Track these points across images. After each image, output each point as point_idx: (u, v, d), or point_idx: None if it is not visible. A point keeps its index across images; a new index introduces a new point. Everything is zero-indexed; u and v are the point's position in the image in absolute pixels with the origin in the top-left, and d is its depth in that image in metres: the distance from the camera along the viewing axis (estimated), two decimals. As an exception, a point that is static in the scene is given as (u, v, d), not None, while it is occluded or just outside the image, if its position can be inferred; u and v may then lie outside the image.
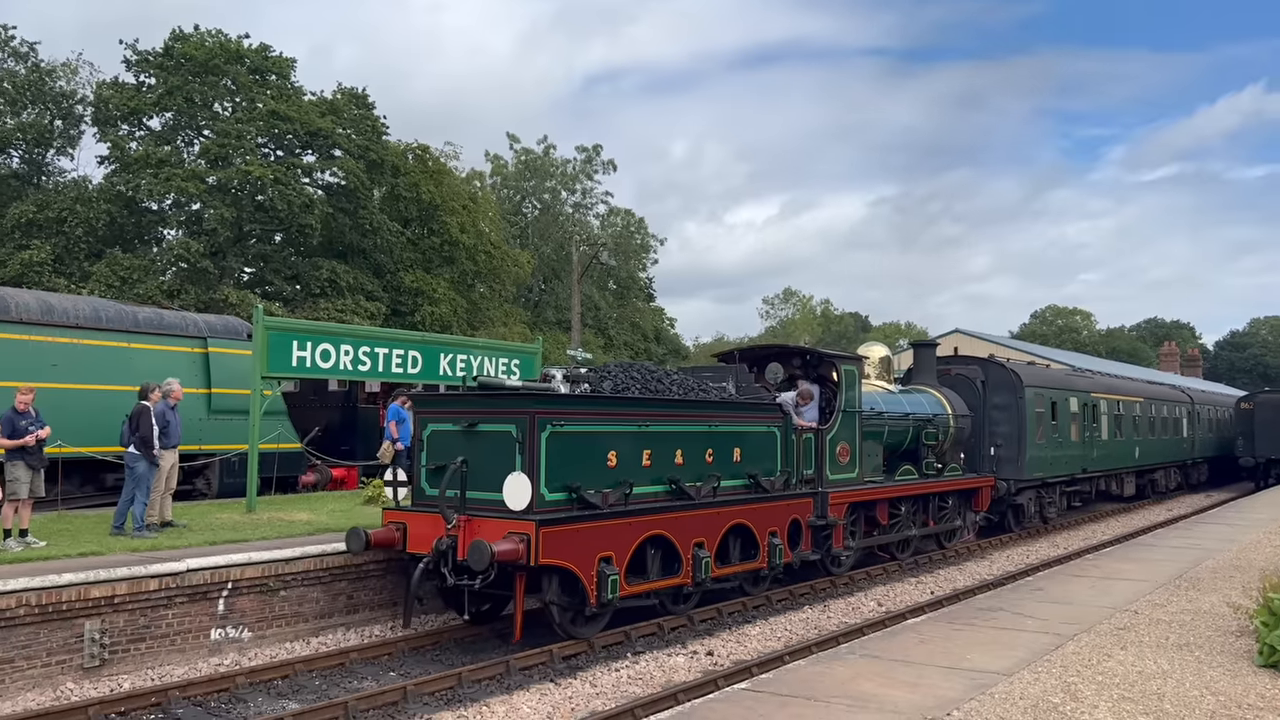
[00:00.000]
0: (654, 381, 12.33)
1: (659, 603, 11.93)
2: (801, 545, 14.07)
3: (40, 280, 28.24)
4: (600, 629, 11.05)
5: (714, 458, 12.47)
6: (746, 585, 13.51)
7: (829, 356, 15.71)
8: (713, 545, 12.20)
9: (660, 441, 11.69)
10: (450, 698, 9.25)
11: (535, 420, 10.20)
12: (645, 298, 63.00)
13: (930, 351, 20.56)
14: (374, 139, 35.31)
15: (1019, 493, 21.35)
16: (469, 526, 10.25)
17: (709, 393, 12.96)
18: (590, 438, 10.84)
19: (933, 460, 17.74)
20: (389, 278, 36.25)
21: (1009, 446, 20.82)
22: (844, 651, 9.42)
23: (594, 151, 59.19)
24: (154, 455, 12.42)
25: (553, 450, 10.33)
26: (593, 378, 11.74)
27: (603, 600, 10.58)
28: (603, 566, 10.58)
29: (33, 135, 33.46)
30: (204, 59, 32.47)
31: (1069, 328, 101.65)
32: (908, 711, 7.06)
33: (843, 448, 14.96)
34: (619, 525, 10.88)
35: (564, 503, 10.43)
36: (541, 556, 9.90)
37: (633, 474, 11.19)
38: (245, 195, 32.00)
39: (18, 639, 8.99)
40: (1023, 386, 21.25)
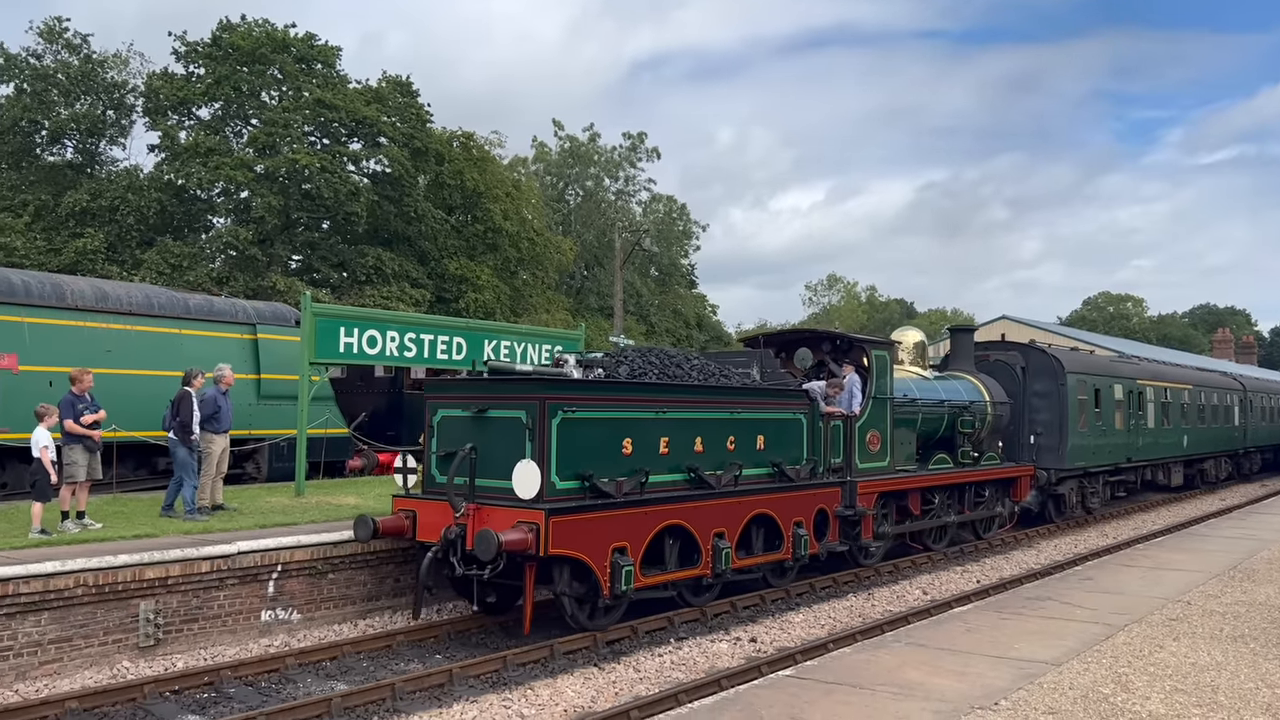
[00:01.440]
0: (672, 367, 12.03)
1: (677, 594, 11.65)
2: (828, 536, 13.71)
3: (94, 268, 28.80)
4: (615, 621, 10.80)
5: (736, 445, 12.11)
6: (770, 577, 13.12)
7: (859, 341, 15.29)
8: (734, 536, 11.87)
9: (678, 428, 11.36)
10: (495, 680, 9.33)
11: (545, 406, 9.91)
12: (687, 284, 62.87)
13: (968, 337, 20.11)
14: (418, 127, 35.54)
15: (1060, 482, 20.77)
16: (478, 515, 10.01)
17: (730, 379, 12.60)
18: (604, 424, 10.54)
19: (969, 449, 17.26)
20: (433, 265, 36.51)
21: (1050, 435, 20.22)
22: (889, 640, 9.37)
23: (638, 139, 59.13)
24: (192, 440, 12.63)
25: (564, 437, 10.04)
26: (608, 363, 11.52)
27: (616, 592, 10.26)
28: (617, 557, 10.28)
29: (86, 125, 34.05)
30: (251, 49, 32.87)
31: (1119, 314, 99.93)
32: (955, 700, 7.00)
33: (873, 435, 14.57)
34: (634, 515, 10.58)
35: (576, 491, 10.15)
36: (552, 546, 9.64)
37: (649, 462, 10.87)
38: (292, 183, 32.39)
39: (76, 618, 9.21)
40: (1064, 373, 20.63)
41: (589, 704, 8.72)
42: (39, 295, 15.69)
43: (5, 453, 14.82)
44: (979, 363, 19.70)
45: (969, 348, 19.74)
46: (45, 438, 11.40)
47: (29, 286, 15.79)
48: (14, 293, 15.41)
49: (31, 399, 13.07)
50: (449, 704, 8.56)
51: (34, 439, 11.42)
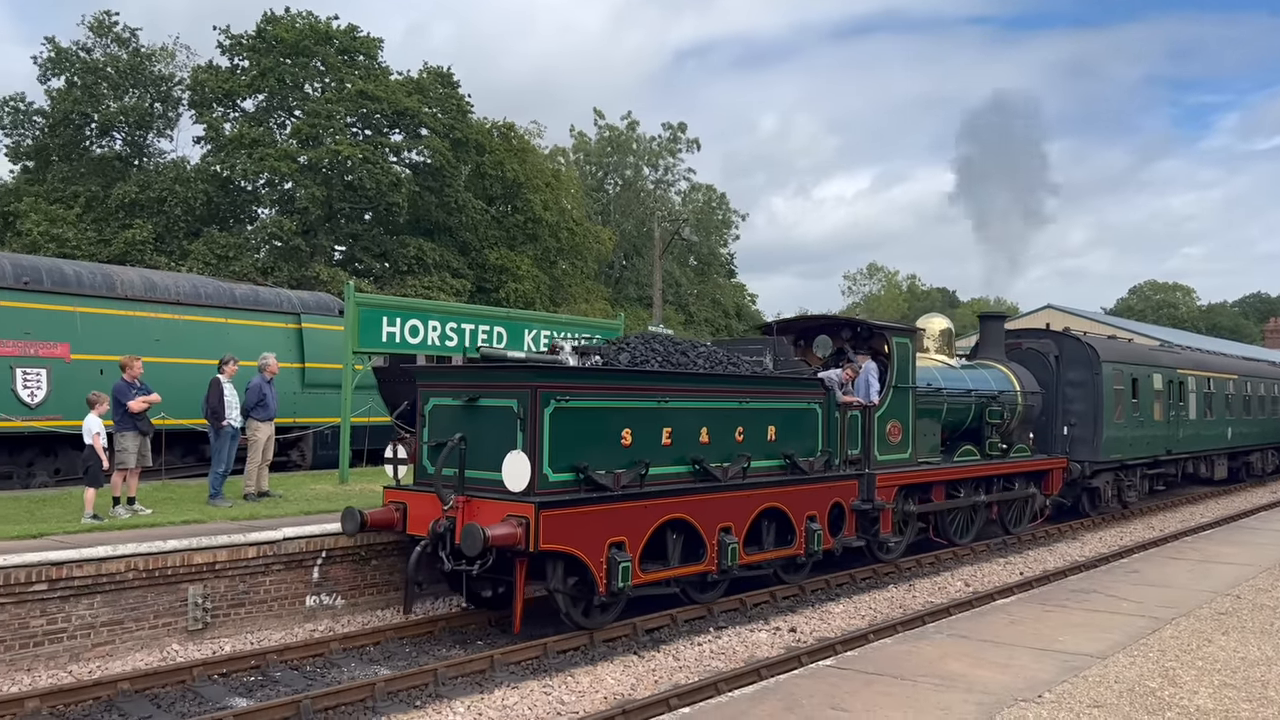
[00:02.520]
0: (677, 355, 11.49)
1: (680, 591, 11.22)
2: (844, 530, 13.16)
3: (142, 258, 29.32)
4: (613, 619, 10.41)
5: (745, 436, 11.59)
6: (782, 573, 12.59)
7: (879, 328, 14.66)
8: (741, 530, 11.38)
9: (682, 419, 10.85)
10: (536, 667, 9.40)
11: (538, 394, 9.42)
12: (726, 274, 62.72)
13: (998, 324, 19.46)
14: (459, 117, 35.74)
15: (1094, 475, 19.94)
16: (467, 508, 9.61)
17: (739, 367, 12.02)
18: (601, 414, 10.04)
19: (997, 440, 16.71)
20: (474, 255, 36.74)
21: (1084, 426, 19.43)
22: (931, 631, 9.31)
23: (678, 129, 58.99)
24: (220, 425, 12.85)
25: (558, 427, 9.56)
26: (608, 351, 11.11)
27: (613, 589, 9.81)
28: (614, 553, 9.83)
29: (134, 118, 34.65)
30: (294, 41, 33.23)
31: (1166, 303, 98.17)
32: (997, 692, 6.95)
33: (893, 426, 13.97)
34: (633, 508, 10.12)
35: (570, 484, 9.68)
36: (543, 541, 9.22)
37: (650, 453, 10.37)
38: (335, 174, 32.73)
39: (127, 602, 9.41)
40: (1099, 361, 19.76)
41: (629, 691, 8.76)
42: (90, 285, 16.02)
43: (58, 439, 15.17)
44: (1011, 351, 19.14)
45: (999, 335, 19.16)
46: (97, 424, 11.65)
47: (80, 277, 16.12)
48: (66, 283, 15.74)
49: (83, 387, 13.37)
50: (490, 690, 8.64)
51: (86, 426, 11.67)
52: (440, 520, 9.63)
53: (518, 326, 17.56)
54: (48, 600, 8.93)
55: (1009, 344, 19.40)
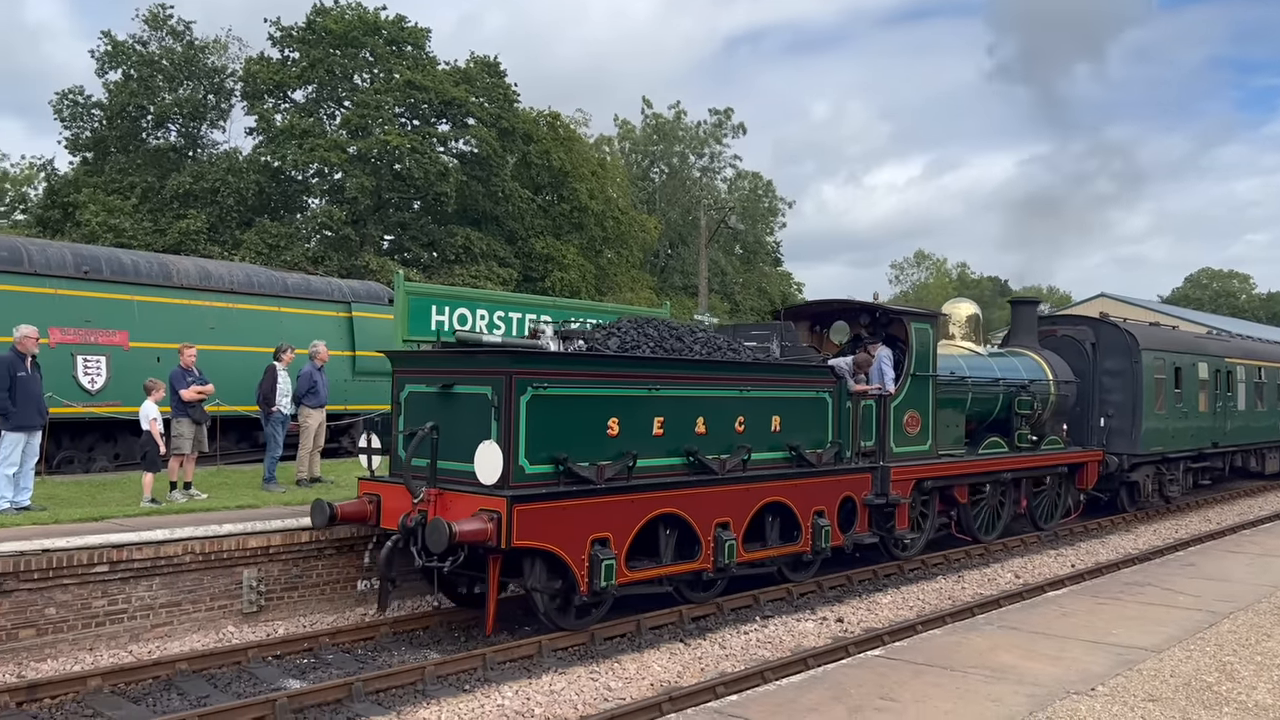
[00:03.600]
0: (672, 340, 10.80)
1: (674, 589, 10.66)
2: (856, 526, 12.48)
3: (196, 248, 29.85)
4: (598, 620, 9.87)
5: (746, 427, 10.98)
6: (788, 571, 11.98)
7: (897, 313, 13.94)
8: (740, 526, 10.76)
9: (675, 407, 10.25)
10: (583, 654, 9.46)
11: (513, 381, 8.87)
12: (772, 262, 62.36)
13: (1030, 310, 18.80)
14: (506, 107, 35.89)
15: (1133, 469, 19.03)
16: (439, 501, 9.16)
17: (740, 353, 11.38)
18: (583, 402, 9.47)
19: (1026, 432, 15.99)
20: (520, 244, 36.92)
21: (1122, 417, 18.54)
22: (980, 622, 9.22)
23: (725, 115, 58.69)
24: (270, 412, 13.08)
25: (535, 416, 9.02)
26: (595, 335, 10.50)
27: (595, 588, 9.26)
28: (596, 549, 9.28)
29: (188, 110, 35.25)
30: (343, 32, 33.57)
31: (1225, 292, 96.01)
32: (1049, 685, 6.87)
33: (911, 417, 13.30)
34: (618, 502, 9.53)
35: (549, 476, 9.15)
36: (517, 538, 8.69)
37: (639, 444, 9.81)
38: (384, 164, 33.05)
39: (184, 584, 9.63)
40: (1139, 349, 18.83)
41: (675, 679, 8.79)
42: (147, 274, 16.36)
43: (117, 425, 15.54)
44: (1045, 339, 18.45)
45: (1032, 322, 18.45)
46: (154, 411, 11.91)
47: (138, 266, 16.47)
48: (124, 272, 16.09)
49: (140, 374, 13.69)
50: (538, 675, 8.72)
51: (143, 412, 11.94)
52: (411, 514, 9.18)
53: (564, 315, 17.58)
54: (109, 581, 9.17)
55: (1043, 331, 18.75)
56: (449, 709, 7.79)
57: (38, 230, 33.39)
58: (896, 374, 13.11)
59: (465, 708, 7.82)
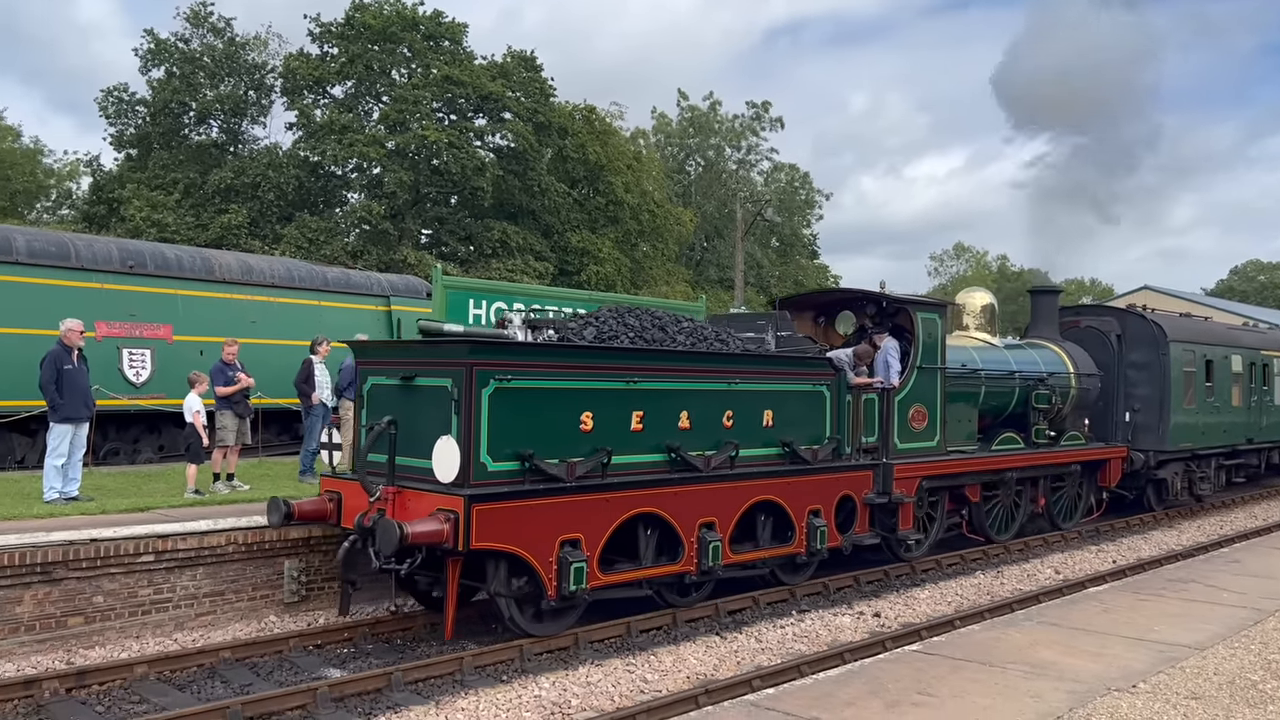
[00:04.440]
0: (654, 330, 10.29)
1: (654, 593, 10.12)
2: (855, 527, 11.91)
3: (237, 242, 30.27)
4: (569, 625, 9.34)
5: (734, 422, 10.39)
6: (781, 573, 11.38)
7: (903, 302, 13.26)
8: (727, 526, 10.24)
9: (655, 401, 9.68)
10: (620, 646, 9.50)
11: (473, 373, 8.38)
12: (809, 255, 62.04)
13: (1051, 300, 17.87)
14: (542, 101, 36.00)
15: (1161, 466, 18.07)
16: (398, 500, 8.71)
17: (728, 344, 10.83)
18: (553, 396, 8.95)
19: (1044, 427, 15.25)
20: (556, 238, 37.05)
21: (1148, 412, 17.71)
22: (1020, 618, 9.15)
23: (761, 108, 58.44)
24: (308, 403, 13.26)
25: (499, 410, 8.49)
26: (573, 325, 9.99)
27: (564, 592, 8.79)
28: (566, 551, 8.80)
29: (229, 106, 35.73)
30: (381, 27, 33.84)
31: (1272, 284, 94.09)
32: (1090, 681, 6.80)
33: (917, 411, 12.64)
34: (591, 501, 9.05)
35: (514, 474, 8.63)
36: (475, 539, 8.23)
37: (615, 440, 9.27)
38: (421, 159, 33.30)
39: (227, 574, 9.78)
40: (1166, 341, 17.89)
41: (711, 671, 8.81)
42: (191, 269, 16.62)
43: (161, 417, 15.82)
44: (1068, 330, 17.77)
45: (1053, 312, 17.66)
46: (197, 403, 12.11)
47: (181, 261, 16.74)
48: (168, 267, 16.36)
49: (185, 367, 13.91)
50: (575, 667, 8.77)
51: (187, 404, 12.14)
52: (369, 514, 8.71)
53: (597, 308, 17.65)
54: (154, 571, 9.34)
55: (1066, 322, 18.08)
56: (486, 699, 7.85)
57: (83, 226, 34.02)
58: (902, 366, 12.57)
59: (503, 698, 7.88)
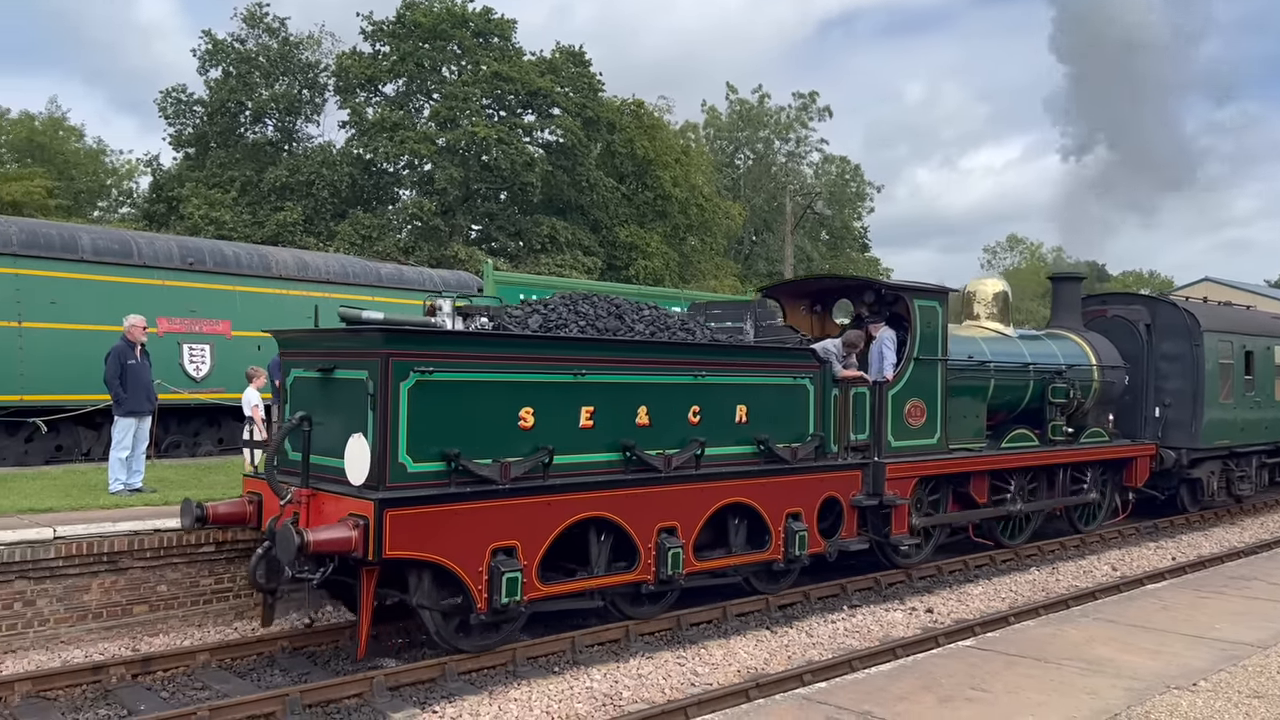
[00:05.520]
0: (610, 319, 9.55)
1: (608, 604, 9.40)
2: (842, 531, 11.10)
3: (292, 239, 30.78)
4: (506, 639, 8.68)
5: (701, 417, 9.63)
6: (756, 581, 10.63)
7: (900, 290, 12.37)
8: (690, 531, 9.50)
9: (608, 395, 8.95)
10: (670, 639, 9.54)
11: (390, 365, 7.71)
12: (860, 248, 61.53)
13: (1073, 287, 16.88)
14: (590, 96, 36.11)
15: (1194, 464, 17.01)
16: (312, 504, 8.07)
17: (694, 333, 10.06)
18: (486, 390, 8.22)
19: (1061, 423, 14.26)
20: (604, 233, 37.16)
21: (1180, 407, 16.64)
22: (1076, 614, 9.04)
23: (810, 99, 58.02)
24: None
25: (421, 405, 7.82)
26: (515, 313, 9.24)
27: (496, 605, 8.08)
28: (499, 560, 8.10)
29: (284, 104, 36.32)
30: (432, 25, 34.16)
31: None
32: (1148, 679, 6.70)
33: (914, 406, 11.77)
34: (529, 505, 8.34)
35: (439, 475, 7.95)
36: (390, 548, 7.55)
37: (560, 438, 8.58)
38: (472, 155, 33.57)
39: (285, 564, 9.96)
40: (1200, 330, 16.77)
41: (762, 665, 8.82)
42: (248, 265, 16.95)
43: (221, 410, 16.16)
44: (1094, 319, 16.83)
45: (1075, 300, 16.70)
46: (255, 397, 12.34)
47: (239, 258, 17.07)
48: (226, 263, 16.70)
49: (243, 361, 14.19)
50: (625, 659, 8.83)
51: (245, 398, 12.39)
52: (281, 518, 8.05)
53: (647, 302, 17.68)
54: (215, 561, 9.57)
55: (1092, 311, 17.18)
56: (539, 689, 7.94)
57: (144, 224, 34.80)
58: (899, 358, 11.82)
59: (554, 689, 7.97)
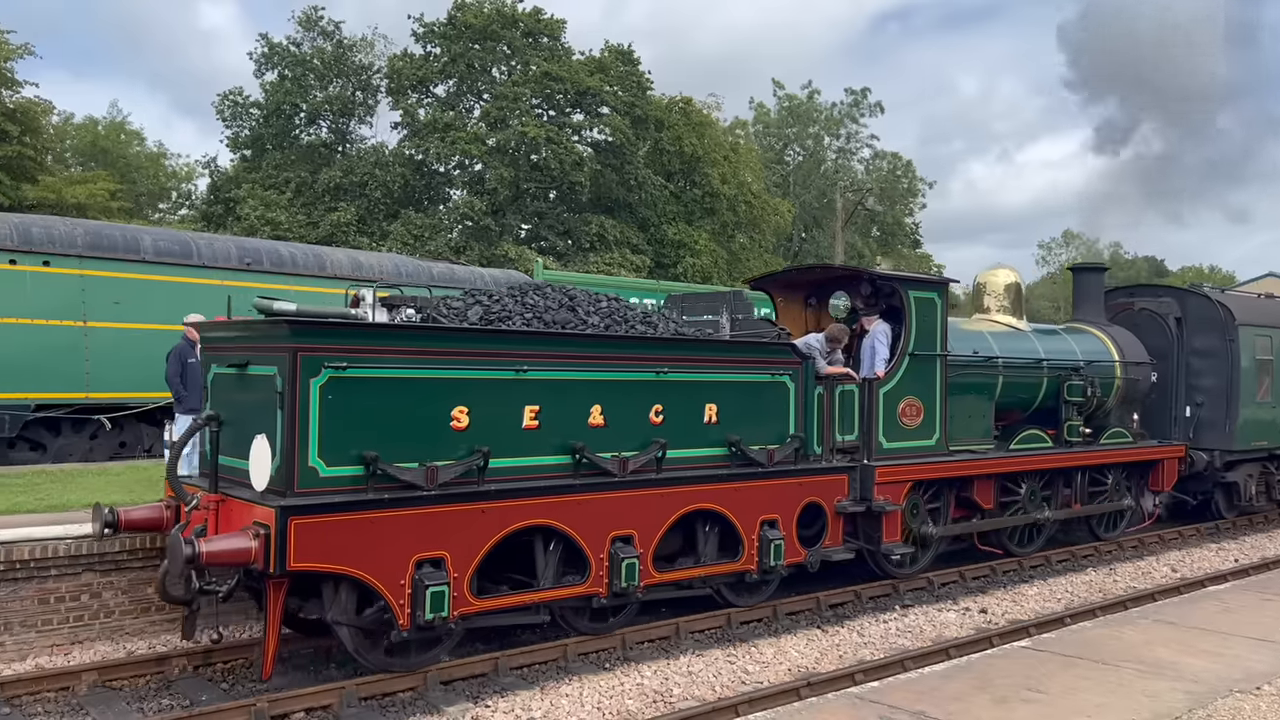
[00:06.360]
0: (562, 311, 8.85)
1: (556, 617, 8.81)
2: (825, 539, 10.41)
3: (346, 239, 31.24)
4: (437, 658, 8.01)
5: (665, 417, 8.98)
6: (729, 594, 9.95)
7: (892, 280, 11.61)
8: (650, 540, 8.85)
9: (556, 394, 8.34)
10: (720, 637, 9.54)
11: (298, 360, 7.09)
12: (911, 244, 60.87)
13: (1096, 279, 16.02)
14: (639, 95, 36.18)
15: (1230, 468, 16.04)
16: (222, 510, 7.58)
17: (656, 327, 9.38)
18: (411, 387, 7.61)
19: (1077, 423, 13.37)
20: (652, 231, 37.21)
21: (1214, 406, 15.74)
22: (1134, 616, 8.90)
23: (861, 95, 57.53)
24: None
25: (334, 404, 7.22)
26: (455, 305, 8.53)
27: (420, 622, 7.43)
28: (424, 573, 7.49)
29: (338, 106, 36.88)
30: (482, 26, 34.46)
31: None
32: (1210, 682, 6.58)
33: (909, 405, 11.08)
34: (460, 513, 7.72)
35: (356, 480, 7.32)
36: (295, 559, 6.93)
37: (499, 440, 7.95)
38: (521, 155, 33.81)
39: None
40: (1234, 325, 15.78)
41: (813, 665, 8.79)
42: (304, 266, 17.22)
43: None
44: (1120, 313, 16.03)
45: (1098, 293, 15.83)
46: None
47: (295, 258, 17.36)
48: (283, 264, 16.98)
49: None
50: (676, 656, 8.86)
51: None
52: (190, 526, 7.55)
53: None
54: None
55: (1119, 304, 16.35)
56: (590, 685, 8.00)
57: (202, 225, 35.54)
58: (892, 354, 11.12)
59: (605, 685, 8.01)
